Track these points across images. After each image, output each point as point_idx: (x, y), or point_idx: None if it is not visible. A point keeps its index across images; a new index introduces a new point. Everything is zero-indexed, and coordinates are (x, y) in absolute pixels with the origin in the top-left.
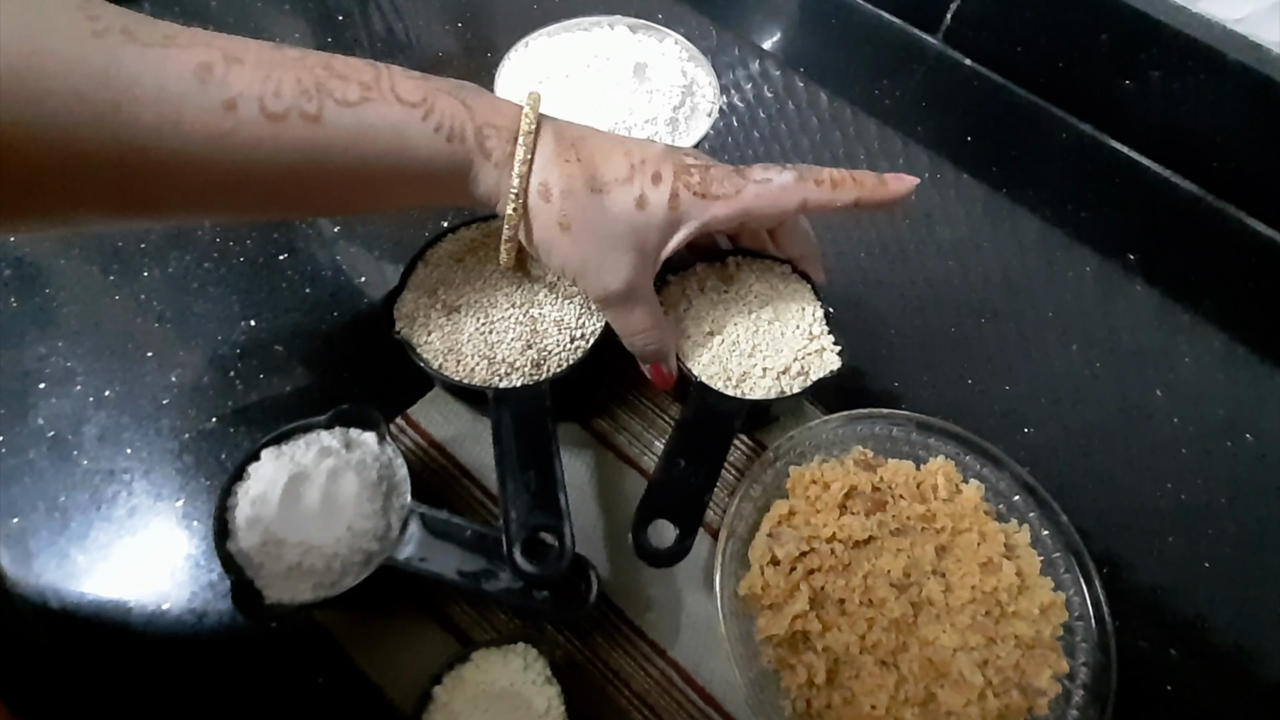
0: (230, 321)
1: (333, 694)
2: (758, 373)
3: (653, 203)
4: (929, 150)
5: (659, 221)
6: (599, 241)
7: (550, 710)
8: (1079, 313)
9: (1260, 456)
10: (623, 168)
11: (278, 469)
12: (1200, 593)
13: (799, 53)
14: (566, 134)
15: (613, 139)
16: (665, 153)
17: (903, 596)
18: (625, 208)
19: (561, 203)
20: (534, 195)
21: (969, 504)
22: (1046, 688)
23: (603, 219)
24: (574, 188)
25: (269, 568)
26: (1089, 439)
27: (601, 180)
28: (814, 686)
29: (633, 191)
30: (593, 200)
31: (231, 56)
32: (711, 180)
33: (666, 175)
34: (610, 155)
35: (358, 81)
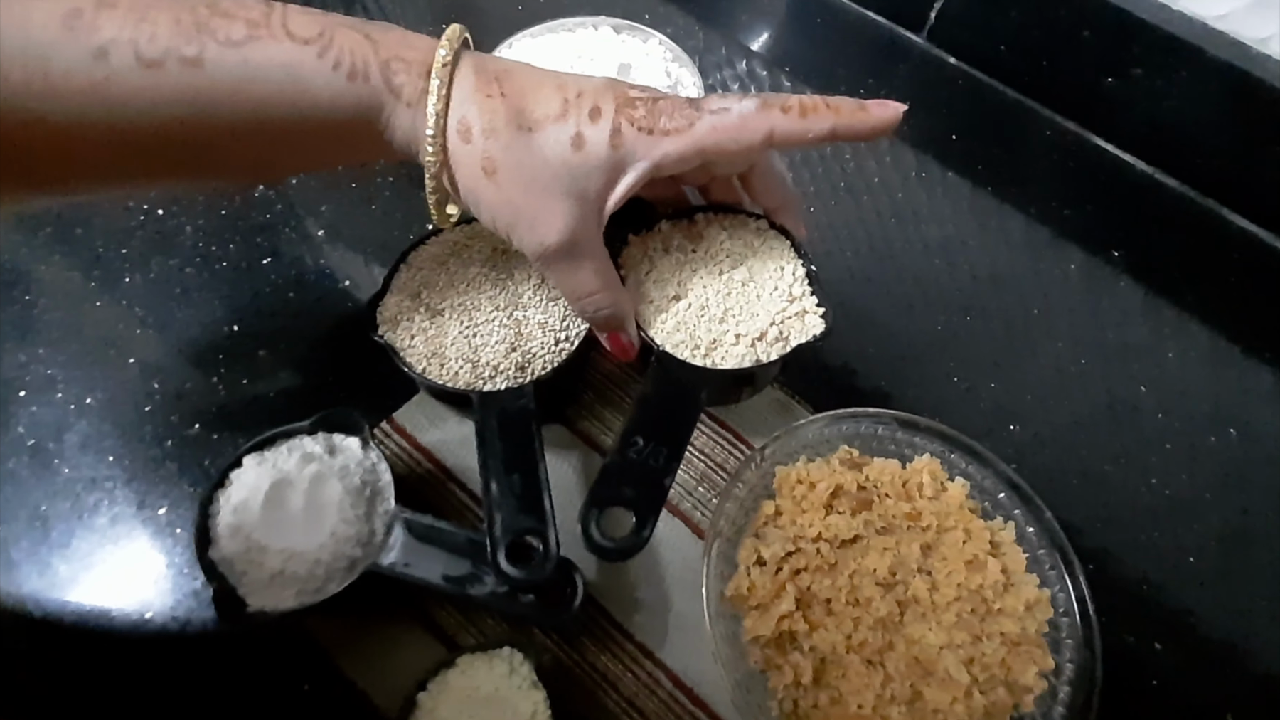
0: (213, 327)
1: (318, 701)
2: (729, 340)
3: (591, 141)
4: (915, 149)
5: (600, 163)
6: (529, 187)
7: (536, 715)
8: (1064, 310)
9: (1245, 451)
10: (554, 102)
11: (260, 475)
12: (1185, 587)
13: (785, 52)
14: (489, 66)
15: (545, 71)
16: (606, 84)
17: (889, 595)
18: (559, 148)
19: (484, 143)
20: (453, 136)
21: (954, 502)
22: (1032, 684)
23: (532, 161)
24: (496, 125)
25: (252, 575)
26: (1075, 435)
27: (530, 116)
28: (801, 687)
29: (567, 129)
30: (520, 139)
31: (104, 1)
32: (660, 113)
33: (606, 109)
34: (540, 88)
35: (244, 19)
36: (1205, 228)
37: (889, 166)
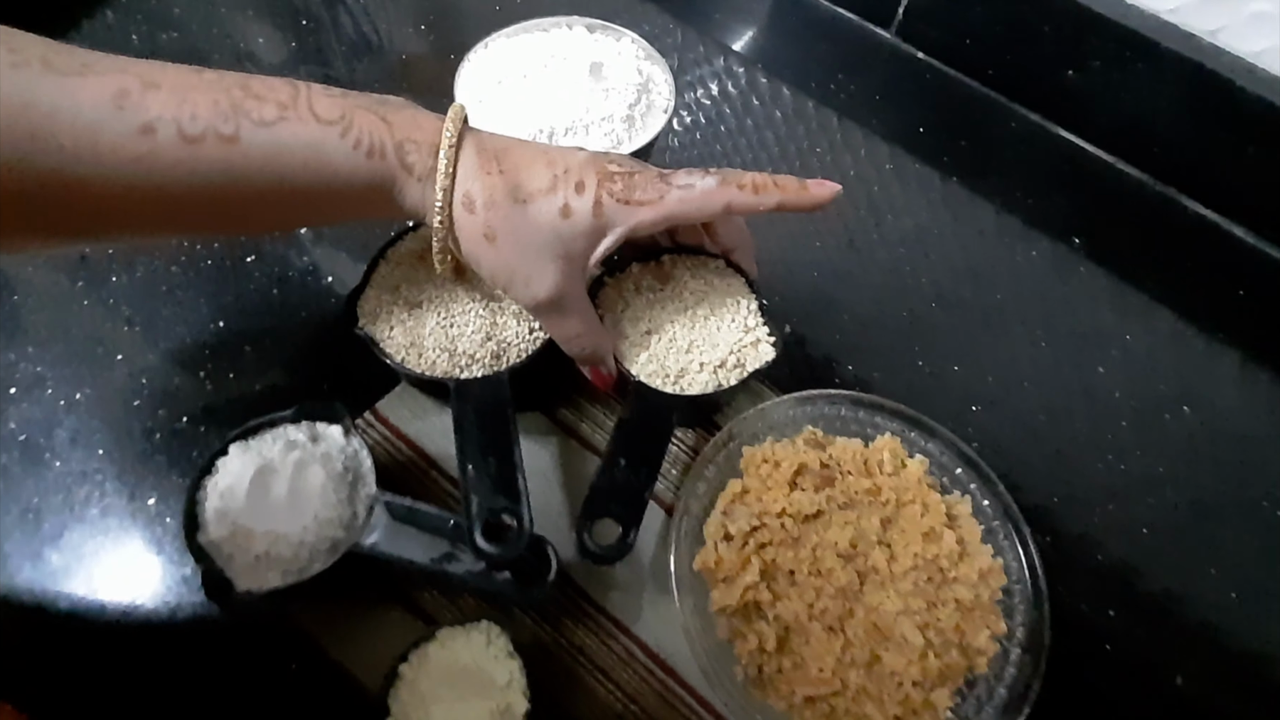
0: (199, 324)
1: (304, 680)
2: (695, 368)
3: (577, 211)
4: (887, 142)
5: (584, 229)
6: (524, 251)
7: (512, 683)
8: (1027, 296)
9: (1199, 428)
10: (545, 178)
11: (245, 463)
12: (1139, 558)
13: (760, 49)
14: (488, 145)
15: (536, 149)
16: (588, 160)
17: (849, 566)
18: (549, 217)
19: (485, 214)
20: (458, 207)
21: (913, 477)
22: (985, 647)
23: (527, 229)
24: (496, 199)
25: (238, 558)
26: (1035, 416)
27: (524, 190)
28: (765, 653)
29: (556, 201)
30: (516, 211)
31: (148, 82)
32: (635, 186)
33: (590, 183)
34: (533, 165)
35: (274, 101)
36: (1164, 215)
37: (864, 160)
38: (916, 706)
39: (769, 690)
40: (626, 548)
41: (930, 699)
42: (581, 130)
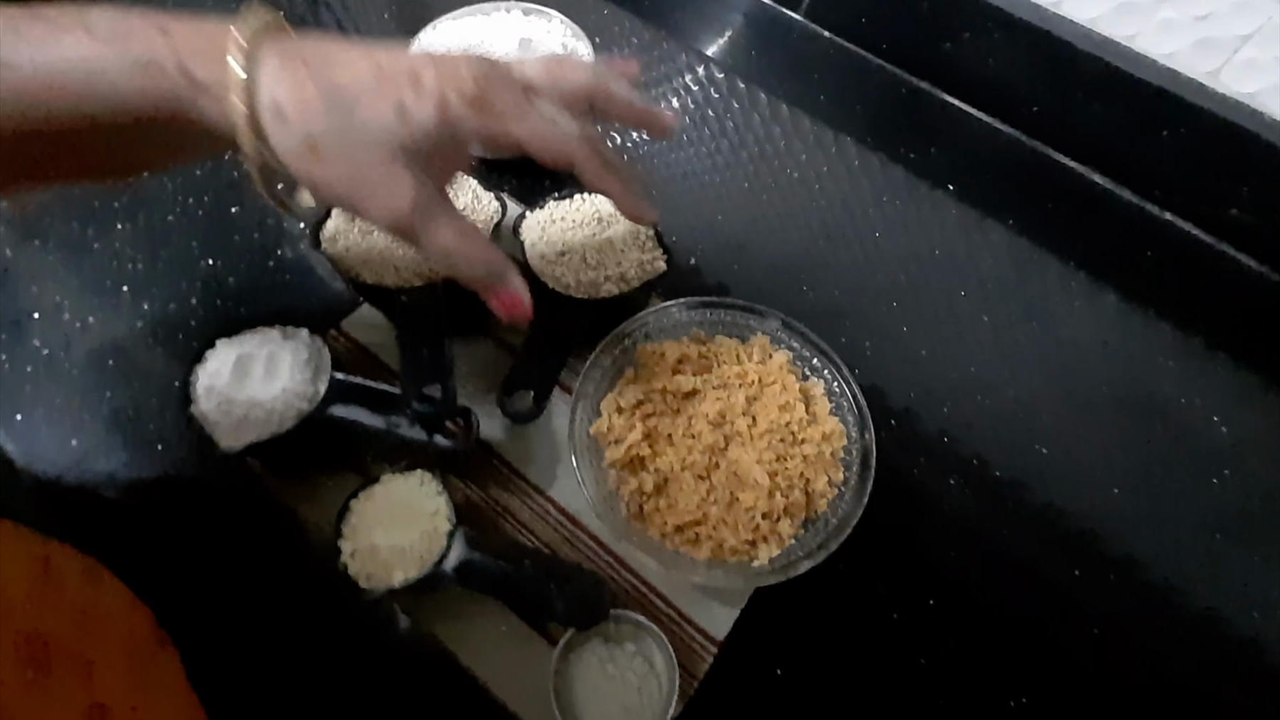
0: (192, 263)
1: (267, 528)
2: (602, 280)
3: (416, 112)
4: (788, 104)
5: (429, 132)
6: (357, 161)
7: (439, 512)
8: (902, 230)
9: (1043, 338)
10: (367, 77)
11: (228, 352)
12: (977, 440)
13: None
14: (293, 47)
15: (355, 47)
16: (427, 58)
17: (717, 430)
18: (382, 119)
19: (301, 122)
20: (267, 118)
21: (776, 365)
22: (824, 491)
23: (355, 135)
24: (310, 102)
25: (223, 423)
26: (898, 328)
27: (342, 90)
28: (644, 495)
29: (386, 100)
30: (336, 114)
31: None
32: (491, 93)
33: (429, 81)
34: (351, 63)
35: (48, 20)
36: (1031, 165)
37: (769, 121)
38: (765, 533)
39: (647, 523)
40: (538, 411)
41: (777, 528)
42: None
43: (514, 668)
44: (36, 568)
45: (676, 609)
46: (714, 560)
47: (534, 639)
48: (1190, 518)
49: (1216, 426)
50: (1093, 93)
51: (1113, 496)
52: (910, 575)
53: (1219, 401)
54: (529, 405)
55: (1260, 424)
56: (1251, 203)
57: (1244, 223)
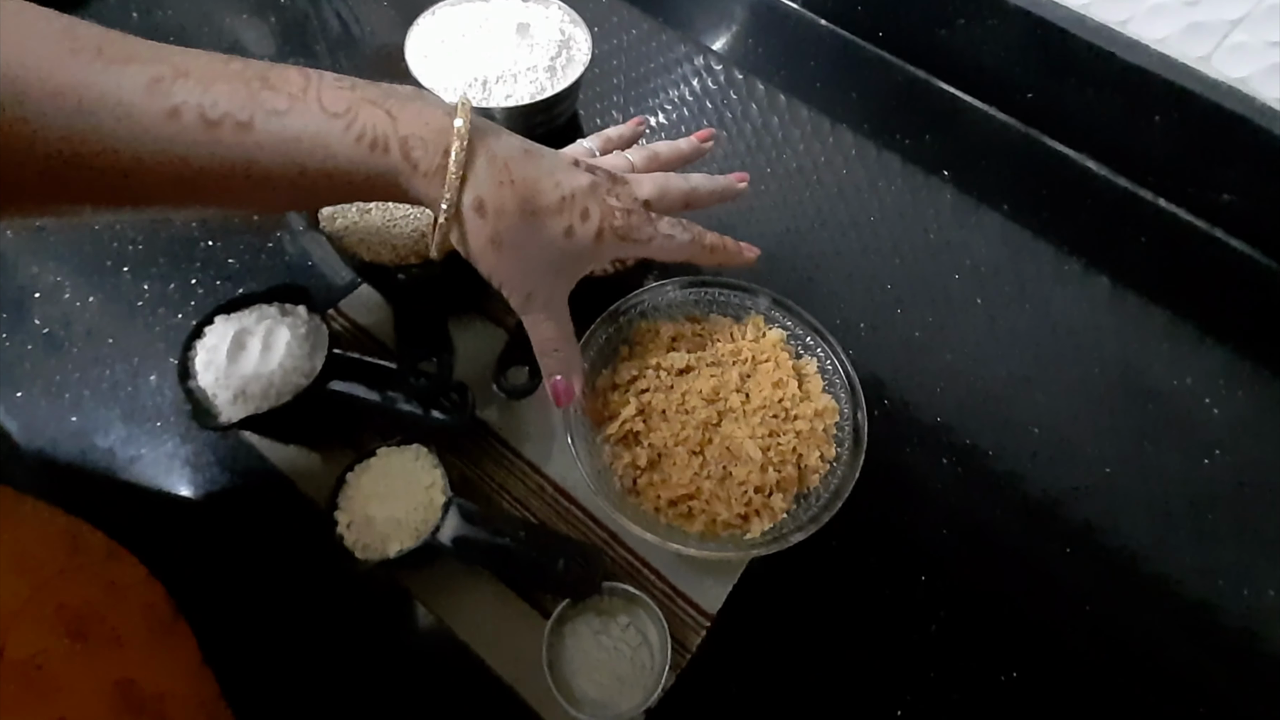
0: (192, 244)
1: (267, 496)
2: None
3: (579, 236)
4: (784, 92)
5: (583, 251)
6: (527, 261)
7: (435, 484)
8: (896, 215)
9: (1035, 321)
10: (553, 197)
11: (226, 327)
12: (967, 419)
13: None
14: (498, 151)
15: (542, 163)
16: (590, 190)
17: (711, 406)
18: (555, 235)
19: (495, 221)
20: (468, 209)
21: (770, 343)
22: (816, 466)
23: (533, 241)
24: (507, 209)
25: (221, 397)
26: (892, 311)
27: (534, 205)
28: (638, 469)
29: (563, 222)
30: (524, 223)
31: (180, 70)
32: (632, 228)
33: (594, 214)
34: (542, 183)
35: (286, 93)
36: (1025, 151)
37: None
38: (758, 507)
39: (641, 497)
40: (533, 387)
41: (769, 502)
42: (510, 79)
43: (508, 639)
44: (67, 542)
45: (670, 583)
46: (707, 534)
47: (528, 611)
48: (1181, 497)
49: (1208, 408)
50: (1086, 78)
51: (1104, 476)
52: (902, 553)
53: (1210, 383)
54: (524, 381)
55: (1251, 405)
56: (1243, 188)
57: (1235, 207)
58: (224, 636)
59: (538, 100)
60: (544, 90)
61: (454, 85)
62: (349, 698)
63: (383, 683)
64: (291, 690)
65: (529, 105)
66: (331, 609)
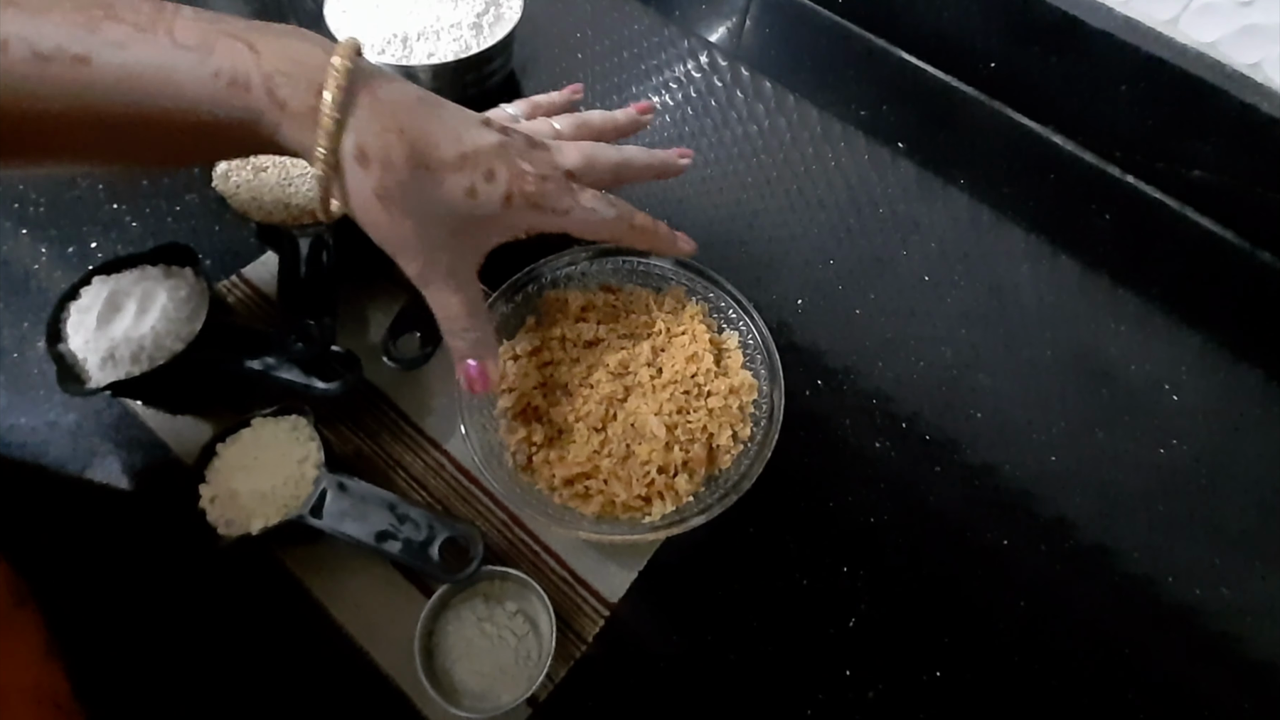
0: (97, 206)
1: (136, 457)
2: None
3: (484, 197)
4: (732, 56)
5: (489, 216)
6: (423, 223)
7: (308, 458)
8: (843, 186)
9: (986, 299)
10: (452, 153)
11: (101, 289)
12: (909, 404)
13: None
14: (385, 96)
15: (439, 115)
16: (498, 149)
17: (617, 381)
18: (454, 194)
19: (381, 173)
20: (348, 157)
21: (688, 315)
22: (728, 445)
23: (427, 199)
24: (395, 160)
25: (90, 360)
26: (834, 285)
27: (428, 159)
28: (533, 445)
29: (463, 181)
30: (417, 178)
31: (10, 0)
32: (546, 195)
33: (501, 174)
34: (438, 135)
35: (132, 23)
36: (987, 124)
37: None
38: (661, 489)
39: (535, 476)
40: (425, 357)
41: (673, 483)
42: (433, 35)
43: (388, 625)
44: None
45: (570, 569)
46: (604, 515)
47: (415, 595)
48: (1132, 485)
49: (1168, 394)
50: (1049, 46)
51: (1050, 464)
52: (825, 539)
53: (1172, 369)
54: (415, 351)
55: (1215, 393)
56: (1214, 163)
57: (1207, 184)
58: (83, 623)
59: (462, 58)
60: (469, 48)
61: (373, 42)
62: (215, 688)
63: (252, 670)
64: (155, 679)
65: (453, 63)
66: (202, 592)
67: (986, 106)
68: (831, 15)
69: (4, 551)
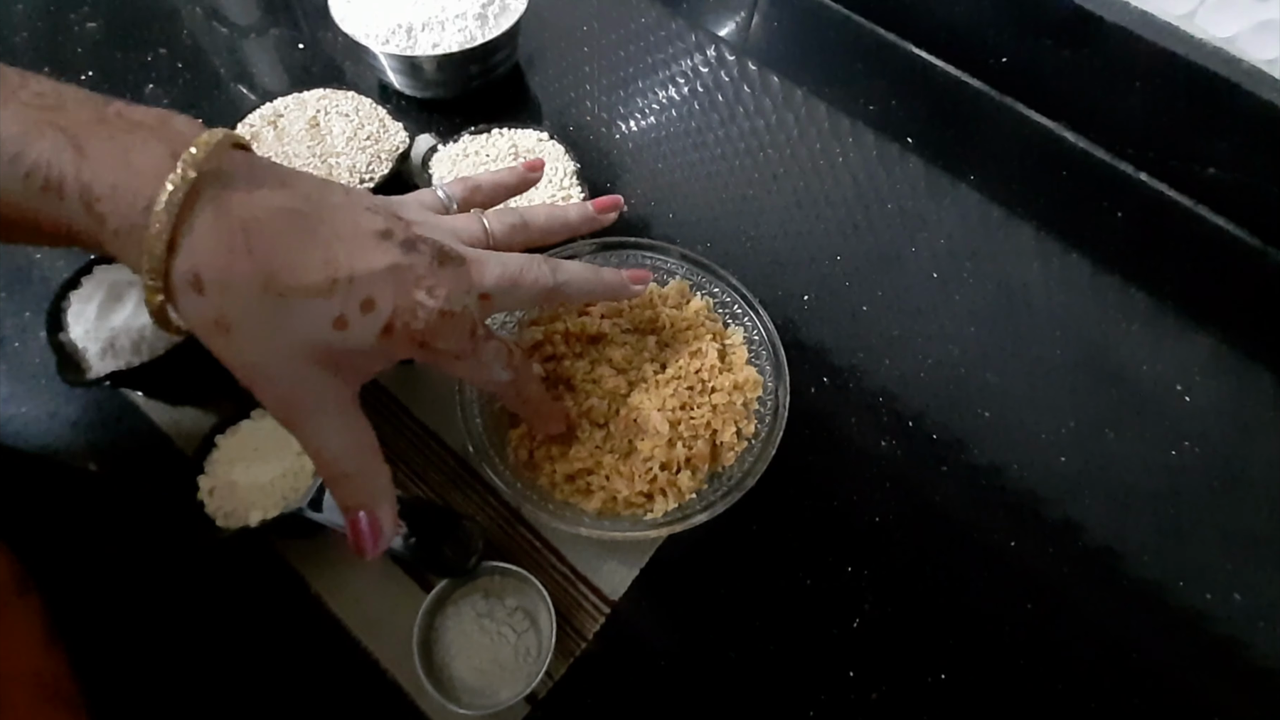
0: None
1: (136, 444)
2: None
3: (356, 331)
4: (739, 49)
5: (361, 349)
6: (275, 353)
7: None
8: (851, 182)
9: (995, 297)
10: (317, 277)
11: (103, 277)
12: (916, 401)
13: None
14: (238, 210)
15: (308, 230)
16: (386, 274)
17: (621, 377)
18: (317, 324)
19: (220, 300)
20: (180, 282)
21: (692, 310)
22: (732, 442)
23: (281, 329)
24: (237, 285)
25: (91, 350)
26: (841, 282)
27: (282, 283)
28: (535, 441)
29: (329, 310)
30: (265, 303)
31: None
32: (438, 335)
33: (384, 305)
34: (302, 256)
35: None
36: (998, 120)
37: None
38: (664, 485)
39: (537, 471)
40: None
41: (676, 480)
42: (438, 26)
43: (388, 620)
44: None
45: (571, 566)
46: (605, 512)
47: (416, 591)
48: (1142, 487)
49: (1180, 396)
50: (1062, 39)
51: (1059, 464)
52: (829, 538)
53: (1185, 370)
54: None
55: (1229, 395)
56: (1229, 160)
57: (1221, 182)
58: (84, 613)
59: (467, 49)
60: (473, 39)
61: (378, 33)
62: (213, 681)
63: (250, 663)
64: (155, 670)
65: (458, 54)
66: (202, 583)
67: (997, 102)
68: (840, 9)
69: (6, 540)
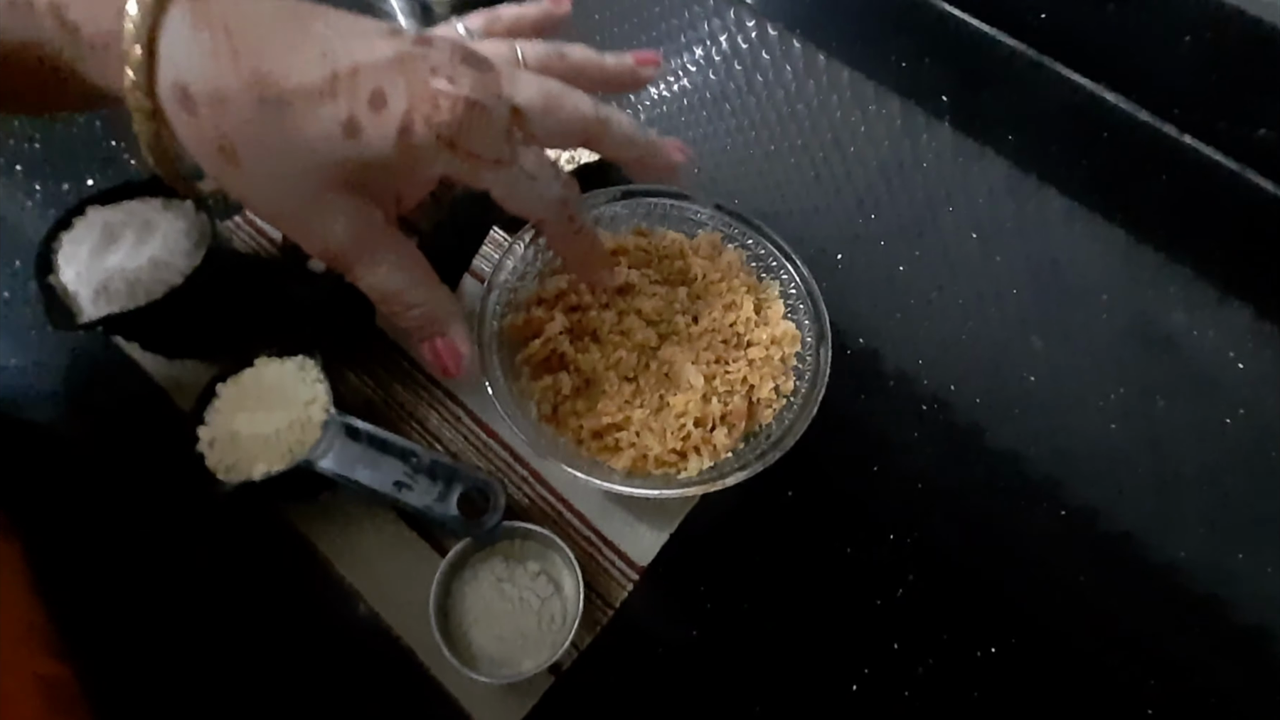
0: (94, 143)
1: (131, 400)
2: None
3: (370, 132)
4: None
5: (381, 160)
6: (286, 179)
7: (315, 401)
8: (885, 138)
9: (1038, 260)
10: (315, 71)
11: (96, 217)
12: (958, 366)
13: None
14: (218, 8)
15: (299, 26)
16: (395, 64)
17: (652, 329)
18: (324, 135)
19: (215, 117)
20: (170, 103)
21: (725, 262)
22: (769, 399)
23: (286, 148)
24: (229, 94)
25: (82, 294)
26: (875, 243)
27: (276, 85)
28: (560, 394)
29: (335, 112)
30: (265, 116)
31: None
32: (470, 128)
33: (396, 98)
34: (294, 52)
35: None
36: (1035, 80)
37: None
38: (697, 443)
39: (562, 427)
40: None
41: (711, 438)
42: None
43: (400, 584)
44: None
45: (596, 529)
46: (635, 470)
47: (428, 553)
48: (1195, 460)
49: (1233, 363)
50: None
51: (1107, 432)
52: (868, 507)
53: (1237, 338)
54: None
55: None
56: None
57: (1272, 144)
58: (76, 571)
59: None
60: None
61: None
62: (214, 648)
63: (255, 630)
64: (150, 634)
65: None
66: (202, 545)
67: (1034, 61)
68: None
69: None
